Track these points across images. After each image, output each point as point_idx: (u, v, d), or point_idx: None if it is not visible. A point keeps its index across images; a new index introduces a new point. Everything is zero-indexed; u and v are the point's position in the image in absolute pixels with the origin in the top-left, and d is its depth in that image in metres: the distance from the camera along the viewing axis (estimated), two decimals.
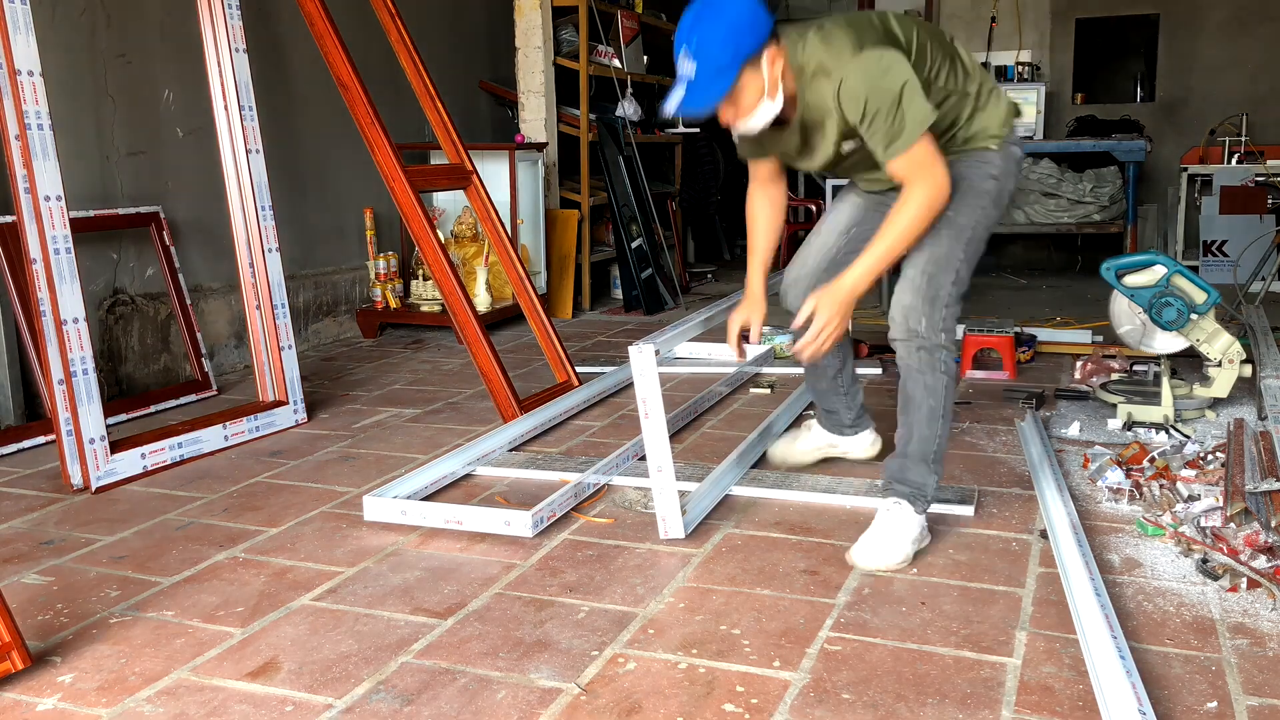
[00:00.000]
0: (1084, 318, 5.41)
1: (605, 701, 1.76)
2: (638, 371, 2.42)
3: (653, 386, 2.42)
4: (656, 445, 2.46)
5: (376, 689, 1.82)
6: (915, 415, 2.39)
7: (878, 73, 2.15)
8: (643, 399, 2.43)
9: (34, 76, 2.89)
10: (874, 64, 2.16)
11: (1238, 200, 6.65)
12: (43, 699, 1.81)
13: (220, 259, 4.35)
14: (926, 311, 2.32)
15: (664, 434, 2.45)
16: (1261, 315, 4.47)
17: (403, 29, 4.08)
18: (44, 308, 2.90)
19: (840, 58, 2.18)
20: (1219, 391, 3.35)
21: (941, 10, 8.06)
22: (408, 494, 2.73)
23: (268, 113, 3.99)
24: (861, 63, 2.16)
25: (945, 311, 2.34)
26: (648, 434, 2.45)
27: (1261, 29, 7.39)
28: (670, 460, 2.47)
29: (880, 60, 2.16)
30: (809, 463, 2.98)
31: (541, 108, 6.02)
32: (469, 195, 4.17)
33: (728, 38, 2.10)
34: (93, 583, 2.30)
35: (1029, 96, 6.80)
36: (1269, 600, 2.09)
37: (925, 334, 2.33)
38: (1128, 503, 2.66)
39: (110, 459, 2.97)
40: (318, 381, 4.28)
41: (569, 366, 4.07)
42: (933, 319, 2.33)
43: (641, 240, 6.21)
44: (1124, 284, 3.30)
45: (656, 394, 2.42)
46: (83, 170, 3.79)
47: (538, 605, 2.14)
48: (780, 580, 2.24)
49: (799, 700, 1.76)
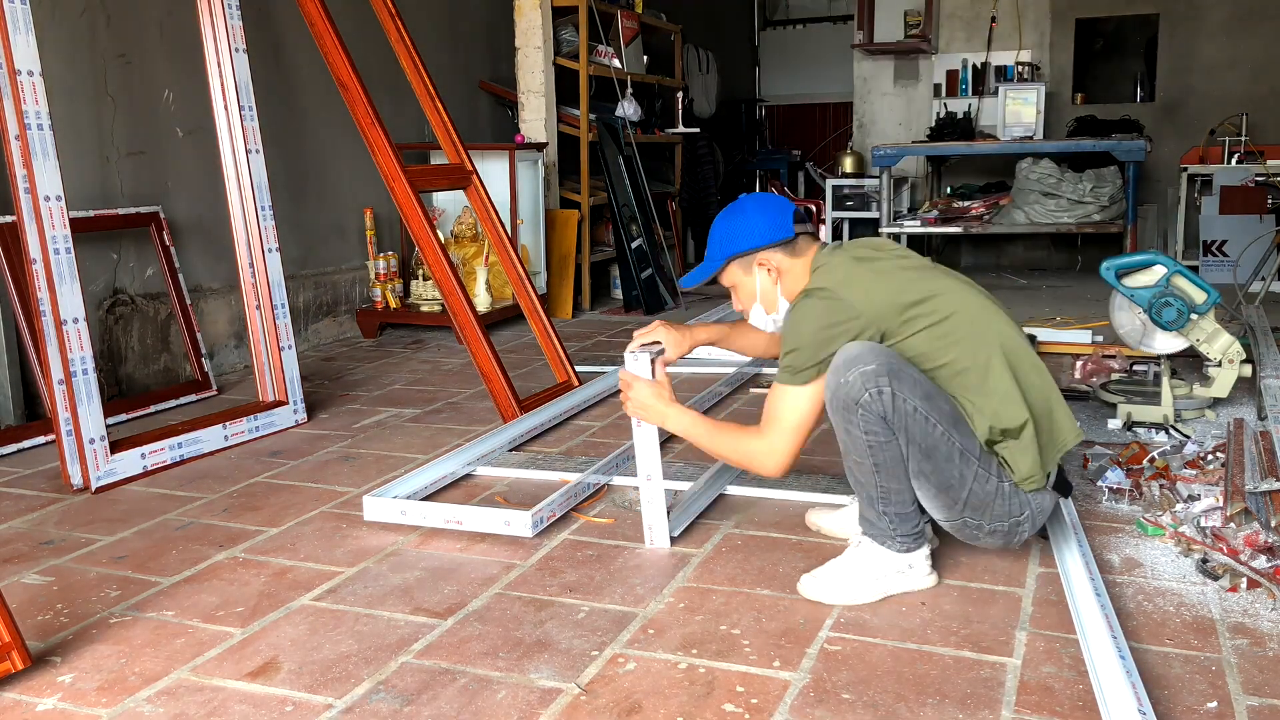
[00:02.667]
0: (1084, 318, 5.41)
1: (605, 701, 1.76)
2: (632, 377, 2.41)
3: None
4: (647, 453, 2.42)
5: (376, 689, 1.82)
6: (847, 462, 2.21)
7: (796, 312, 2.16)
8: None
9: (34, 76, 2.89)
10: (799, 302, 2.17)
11: (1238, 200, 6.65)
12: (43, 699, 1.81)
13: (220, 259, 4.35)
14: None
15: (655, 441, 2.42)
16: (1261, 315, 4.47)
17: (403, 29, 4.08)
18: (44, 308, 2.90)
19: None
20: (1219, 391, 3.35)
21: (941, 10, 8.05)
22: (408, 494, 2.73)
23: (268, 113, 3.98)
24: (799, 298, 2.18)
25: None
26: (639, 440, 2.42)
27: (1261, 28, 7.39)
28: (660, 468, 2.43)
29: (803, 302, 2.15)
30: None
31: (541, 108, 6.02)
32: (469, 195, 4.17)
33: (724, 234, 2.29)
34: (93, 583, 2.30)
35: (1029, 97, 6.81)
36: (1269, 600, 2.08)
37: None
38: (1128, 503, 2.66)
39: (110, 459, 2.97)
40: (318, 381, 4.28)
41: (569, 366, 4.07)
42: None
43: (641, 240, 6.21)
44: (1124, 284, 3.30)
45: None
46: (83, 170, 3.79)
47: (538, 605, 2.14)
48: (780, 580, 2.24)
49: (799, 700, 1.76)
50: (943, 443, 2.05)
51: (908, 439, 2.04)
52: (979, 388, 2.09)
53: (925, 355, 2.10)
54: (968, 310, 2.13)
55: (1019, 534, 2.17)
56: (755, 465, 2.22)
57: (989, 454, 2.10)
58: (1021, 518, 2.14)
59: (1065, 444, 2.16)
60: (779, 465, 2.18)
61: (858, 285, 2.12)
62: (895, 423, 2.03)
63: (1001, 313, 2.20)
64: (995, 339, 2.12)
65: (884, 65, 8.37)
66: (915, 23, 8.01)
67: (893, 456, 2.06)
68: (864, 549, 2.17)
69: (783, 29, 11.19)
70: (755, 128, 10.88)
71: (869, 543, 2.17)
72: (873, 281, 2.13)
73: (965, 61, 8.04)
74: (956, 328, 2.10)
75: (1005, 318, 2.20)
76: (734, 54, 10.47)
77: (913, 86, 8.32)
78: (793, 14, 11.18)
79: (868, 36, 8.18)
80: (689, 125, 7.49)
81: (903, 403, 2.01)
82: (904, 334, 2.09)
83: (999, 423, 2.08)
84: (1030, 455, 2.09)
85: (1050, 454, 2.14)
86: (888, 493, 2.11)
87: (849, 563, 2.17)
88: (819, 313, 2.11)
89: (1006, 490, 2.11)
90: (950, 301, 2.13)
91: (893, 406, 2.01)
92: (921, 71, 8.26)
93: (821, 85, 10.81)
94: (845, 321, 2.09)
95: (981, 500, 2.10)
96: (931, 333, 2.09)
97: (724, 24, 10.23)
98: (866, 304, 2.10)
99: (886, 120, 8.42)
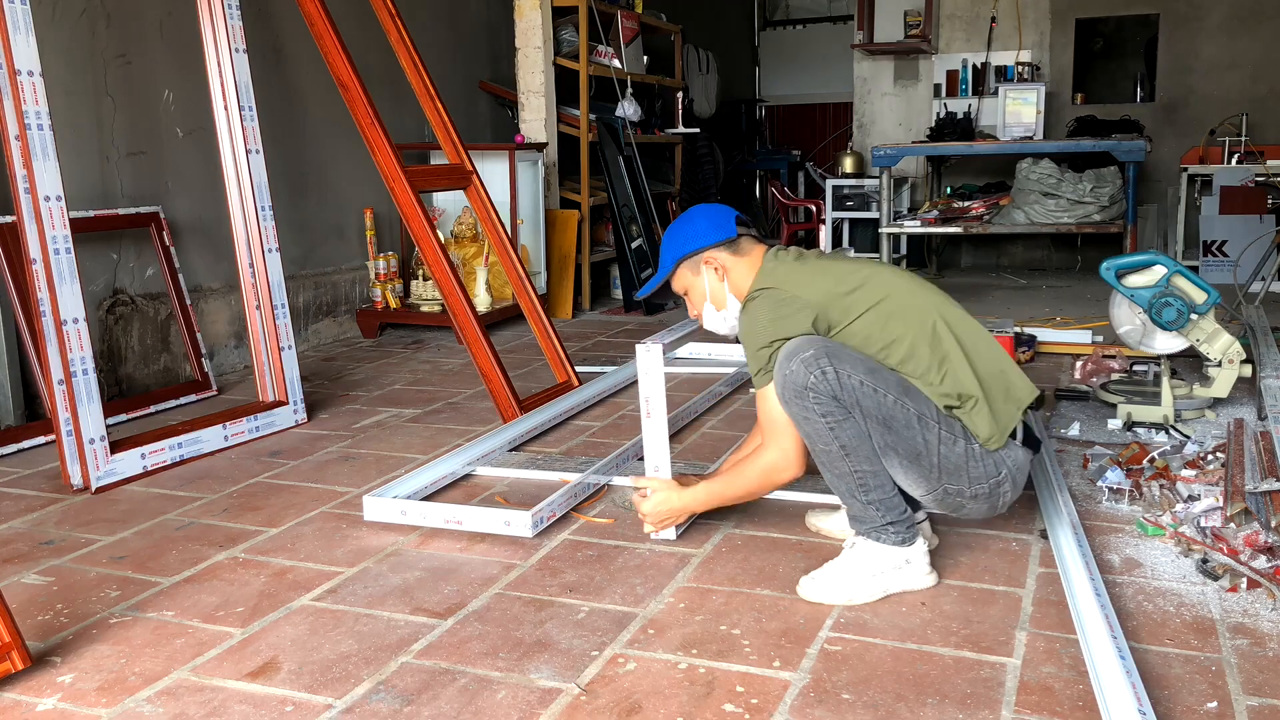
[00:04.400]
0: (1084, 318, 5.41)
1: (605, 701, 1.76)
2: (644, 370, 2.42)
3: (658, 386, 2.43)
4: (656, 445, 2.46)
5: (376, 689, 1.82)
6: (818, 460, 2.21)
7: (746, 315, 2.24)
8: (646, 398, 2.43)
9: (34, 76, 2.89)
10: (747, 306, 2.24)
11: (1238, 200, 6.65)
12: (43, 699, 1.81)
13: (220, 259, 4.36)
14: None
15: (664, 434, 2.46)
16: (1261, 315, 4.47)
17: (403, 29, 4.08)
18: (44, 308, 2.90)
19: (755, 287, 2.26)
20: (1219, 391, 3.35)
21: (941, 10, 8.06)
22: (408, 494, 2.73)
23: (268, 113, 3.98)
24: (747, 302, 2.25)
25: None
26: (648, 433, 2.45)
27: (1261, 29, 7.39)
28: (669, 461, 2.47)
29: (750, 304, 2.23)
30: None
31: (541, 108, 6.01)
32: (469, 195, 4.17)
33: (672, 240, 2.39)
34: (93, 583, 2.30)
35: (1029, 97, 6.80)
36: (1269, 600, 2.08)
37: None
38: (1128, 503, 2.66)
39: (110, 459, 2.97)
40: (318, 381, 4.28)
41: (569, 366, 4.07)
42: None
43: (641, 240, 6.20)
44: (1124, 284, 3.30)
45: (661, 393, 2.43)
46: (83, 170, 3.79)
47: (538, 605, 2.14)
48: (780, 580, 2.24)
49: (799, 700, 1.76)
50: (898, 410, 2.09)
51: (863, 413, 2.09)
52: (928, 357, 2.15)
53: (870, 337, 2.17)
54: (899, 288, 2.23)
55: (1001, 495, 2.19)
56: (779, 476, 2.26)
57: (950, 418, 2.14)
58: (1000, 477, 2.17)
59: (1021, 400, 2.20)
60: (796, 462, 2.22)
61: (799, 279, 2.22)
62: (846, 399, 2.08)
63: (933, 288, 2.30)
64: (932, 310, 2.20)
65: (884, 65, 8.37)
66: (915, 23, 8.01)
67: (855, 434, 2.10)
68: (860, 548, 2.18)
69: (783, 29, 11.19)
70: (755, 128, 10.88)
71: (863, 541, 2.18)
72: (812, 275, 2.23)
73: (965, 61, 8.04)
74: (894, 306, 2.19)
75: (938, 291, 2.29)
76: (734, 54, 10.47)
77: (913, 86, 8.32)
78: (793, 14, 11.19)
79: (868, 36, 8.17)
80: (689, 125, 7.49)
81: (848, 378, 2.08)
82: (848, 319, 2.18)
83: (952, 388, 2.13)
84: (986, 416, 2.14)
85: (1008, 411, 2.18)
86: (864, 477, 2.14)
87: (846, 562, 2.17)
88: (768, 307, 2.20)
89: (977, 452, 2.14)
90: (883, 283, 2.22)
91: (839, 384, 2.07)
92: (921, 71, 8.26)
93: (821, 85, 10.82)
94: (795, 312, 2.17)
95: (954, 465, 2.13)
96: (873, 314, 2.17)
97: (724, 24, 10.24)
98: (810, 293, 2.19)
99: (886, 120, 8.42)
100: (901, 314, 2.17)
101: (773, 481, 2.28)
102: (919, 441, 2.11)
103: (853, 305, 2.18)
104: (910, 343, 2.15)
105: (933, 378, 2.14)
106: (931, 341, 2.15)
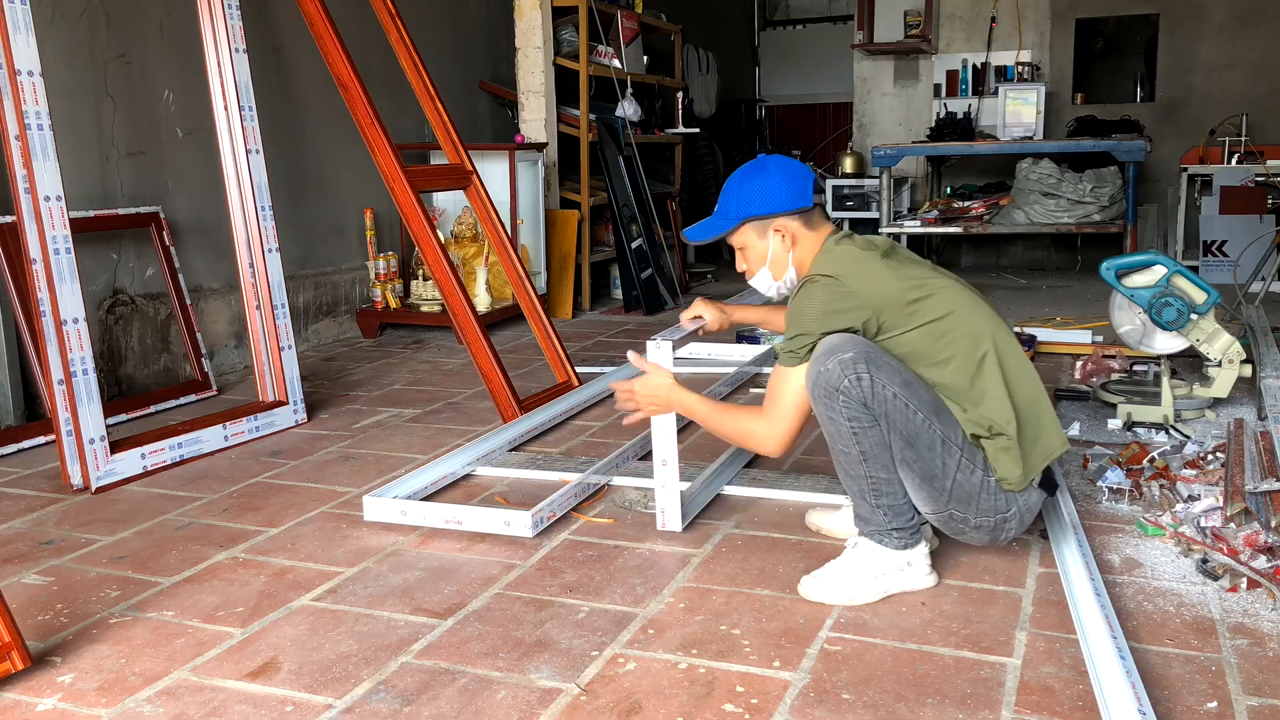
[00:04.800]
0: (1084, 318, 5.41)
1: (605, 701, 1.76)
2: (646, 364, 2.44)
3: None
4: (664, 439, 2.48)
5: (376, 689, 1.82)
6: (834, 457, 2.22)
7: (800, 296, 2.17)
8: None
9: (34, 76, 2.89)
10: (804, 288, 2.17)
11: (1238, 200, 6.64)
12: (43, 699, 1.81)
13: (220, 259, 4.35)
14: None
15: (673, 429, 2.48)
16: (1261, 315, 4.47)
17: (403, 29, 4.08)
18: (44, 308, 2.90)
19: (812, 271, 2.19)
20: (1219, 391, 3.35)
21: (941, 10, 8.05)
22: (408, 494, 2.73)
23: (268, 113, 3.98)
24: (805, 284, 2.18)
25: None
26: (656, 427, 2.48)
27: (1261, 29, 7.39)
28: (676, 454, 2.49)
29: (808, 288, 2.16)
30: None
31: (541, 108, 6.01)
32: (469, 195, 4.17)
33: (742, 193, 2.26)
34: (93, 583, 2.30)
35: (1029, 97, 6.80)
36: (1269, 600, 2.08)
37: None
38: (1128, 503, 2.66)
39: (110, 459, 2.97)
40: (318, 381, 4.28)
41: (569, 366, 4.07)
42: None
43: (641, 240, 6.21)
44: (1124, 284, 3.30)
45: None
46: (83, 170, 3.79)
47: (538, 605, 2.14)
48: (780, 580, 2.24)
49: (799, 700, 1.76)
50: (924, 430, 2.06)
51: (889, 425, 2.06)
52: (969, 385, 2.10)
53: (919, 351, 2.11)
54: (964, 310, 2.15)
55: (1005, 531, 2.17)
56: (755, 444, 2.25)
57: (974, 447, 2.11)
58: (1008, 514, 2.14)
59: (1051, 451, 2.17)
60: (779, 445, 2.21)
61: (865, 274, 2.13)
62: (876, 409, 2.05)
63: (995, 315, 2.21)
64: (988, 336, 2.13)
65: (884, 65, 8.37)
66: (915, 23, 8.01)
67: (878, 442, 2.08)
68: (861, 549, 2.17)
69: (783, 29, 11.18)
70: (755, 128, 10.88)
71: (866, 542, 2.17)
72: (879, 272, 2.14)
73: (965, 62, 8.04)
74: (954, 326, 2.12)
75: (999, 320, 2.21)
76: (734, 54, 10.46)
77: (913, 86, 8.32)
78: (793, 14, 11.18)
79: (868, 36, 8.17)
80: (689, 125, 7.49)
81: (882, 388, 2.04)
82: (904, 327, 2.11)
83: (985, 420, 2.09)
84: (1013, 458, 2.10)
85: (1034, 460, 2.15)
86: (878, 483, 2.12)
87: (848, 563, 2.17)
88: (824, 298, 2.12)
89: (992, 485, 2.11)
90: (948, 299, 2.14)
91: (872, 392, 2.03)
92: (921, 71, 8.26)
93: (821, 85, 10.81)
94: (849, 309, 2.10)
95: (967, 493, 2.11)
96: (929, 330, 2.11)
97: (724, 24, 10.23)
98: (872, 293, 2.11)
99: (886, 120, 8.42)
100: (957, 335, 2.11)
101: (749, 445, 2.29)
102: (938, 464, 2.08)
103: (913, 315, 2.11)
104: (957, 366, 2.10)
105: (968, 405, 2.10)
106: (978, 369, 2.10)
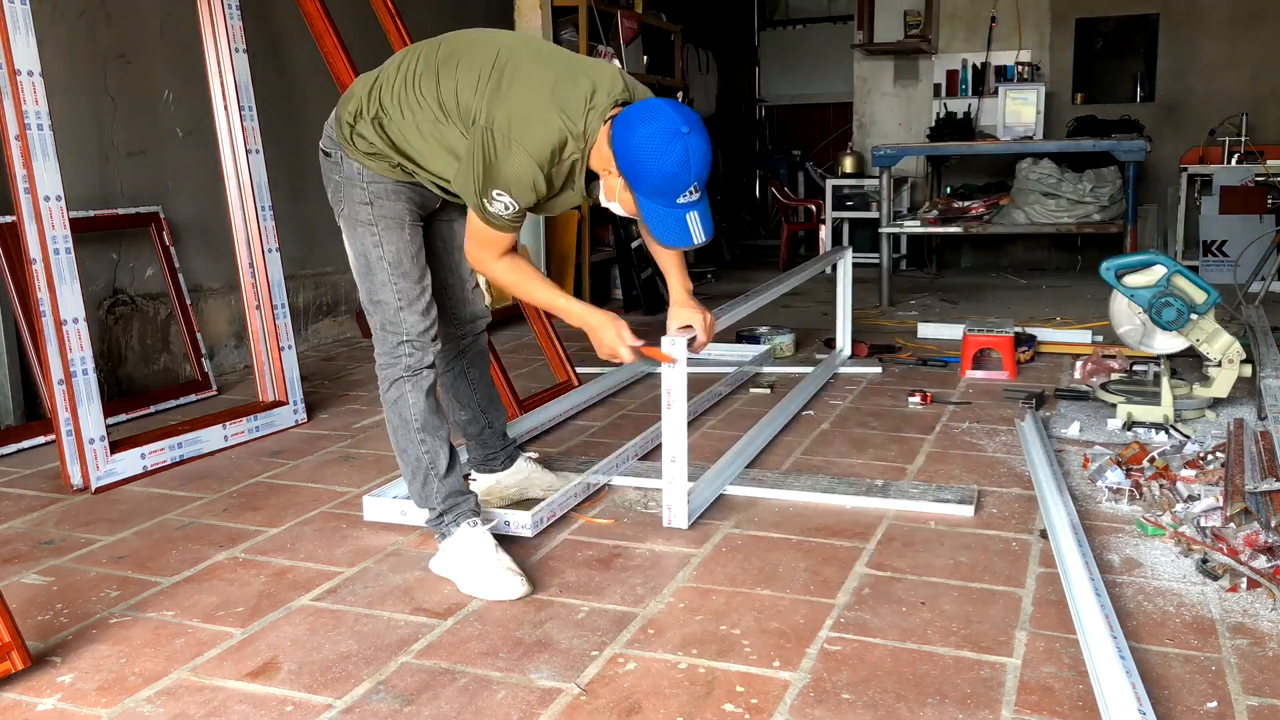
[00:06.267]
0: (1084, 318, 5.41)
1: (605, 701, 1.76)
2: (668, 363, 2.47)
3: (680, 379, 2.47)
4: (674, 435, 2.50)
5: (376, 689, 1.82)
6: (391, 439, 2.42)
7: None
8: (668, 389, 2.48)
9: (34, 76, 2.89)
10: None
11: (1238, 200, 6.65)
12: (43, 699, 1.81)
13: (220, 259, 4.35)
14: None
15: (684, 425, 2.50)
16: (1261, 315, 4.47)
17: (403, 30, 4.07)
18: (44, 308, 2.90)
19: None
20: (1219, 391, 3.35)
21: (941, 10, 8.06)
22: (408, 494, 2.72)
23: (268, 113, 3.98)
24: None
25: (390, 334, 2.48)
26: (667, 424, 2.50)
27: (1261, 29, 7.39)
28: (685, 451, 2.50)
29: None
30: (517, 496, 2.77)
31: None
32: None
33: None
34: (93, 583, 2.30)
35: (1029, 97, 6.80)
36: (1269, 600, 2.09)
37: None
38: (1128, 503, 2.66)
39: (110, 459, 2.97)
40: (318, 381, 4.28)
41: (569, 366, 4.07)
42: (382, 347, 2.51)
43: (641, 240, 6.20)
44: (1124, 284, 3.30)
45: (683, 386, 2.48)
46: (83, 170, 3.79)
47: (538, 605, 2.14)
48: (780, 580, 2.24)
49: (799, 700, 1.76)
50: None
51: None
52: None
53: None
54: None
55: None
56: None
57: None
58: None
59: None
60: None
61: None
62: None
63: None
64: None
65: (884, 65, 8.37)
66: (915, 23, 8.01)
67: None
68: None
69: (783, 29, 11.18)
70: (755, 128, 10.88)
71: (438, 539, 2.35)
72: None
73: (965, 61, 8.04)
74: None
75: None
76: (734, 54, 10.46)
77: (913, 86, 8.32)
78: (793, 14, 11.18)
79: (868, 36, 8.17)
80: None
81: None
82: None
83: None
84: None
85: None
86: None
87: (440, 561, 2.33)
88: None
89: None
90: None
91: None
92: (921, 71, 8.26)
93: (821, 85, 10.81)
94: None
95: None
96: None
97: (724, 24, 10.23)
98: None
99: (886, 120, 8.42)
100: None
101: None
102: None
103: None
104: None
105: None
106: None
